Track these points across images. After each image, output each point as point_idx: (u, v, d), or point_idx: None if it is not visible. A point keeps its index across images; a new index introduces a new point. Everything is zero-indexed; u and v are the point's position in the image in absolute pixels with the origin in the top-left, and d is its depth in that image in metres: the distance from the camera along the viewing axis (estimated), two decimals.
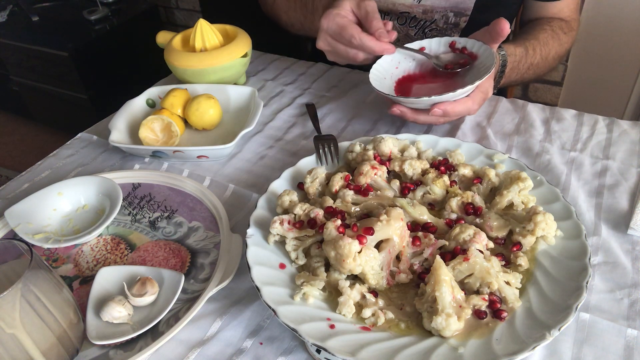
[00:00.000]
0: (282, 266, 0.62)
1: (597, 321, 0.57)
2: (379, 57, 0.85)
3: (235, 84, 1.01)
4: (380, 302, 0.58)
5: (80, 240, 0.69)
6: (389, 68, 0.87)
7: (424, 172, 0.71)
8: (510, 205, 0.66)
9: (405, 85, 0.87)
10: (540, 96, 1.97)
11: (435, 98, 0.75)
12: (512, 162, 0.73)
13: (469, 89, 0.75)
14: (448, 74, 0.84)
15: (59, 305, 0.52)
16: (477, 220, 0.66)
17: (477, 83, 0.74)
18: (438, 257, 0.57)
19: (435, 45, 0.87)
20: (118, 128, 0.86)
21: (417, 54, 0.86)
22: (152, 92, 0.95)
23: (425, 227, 0.64)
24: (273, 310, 0.55)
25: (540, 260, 0.61)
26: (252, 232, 0.65)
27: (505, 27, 0.76)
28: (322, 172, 0.72)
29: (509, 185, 0.67)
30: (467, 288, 0.58)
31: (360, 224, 0.61)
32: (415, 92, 0.85)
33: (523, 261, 0.60)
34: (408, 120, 0.82)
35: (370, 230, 0.59)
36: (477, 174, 0.72)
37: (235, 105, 0.94)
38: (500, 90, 1.17)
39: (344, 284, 0.58)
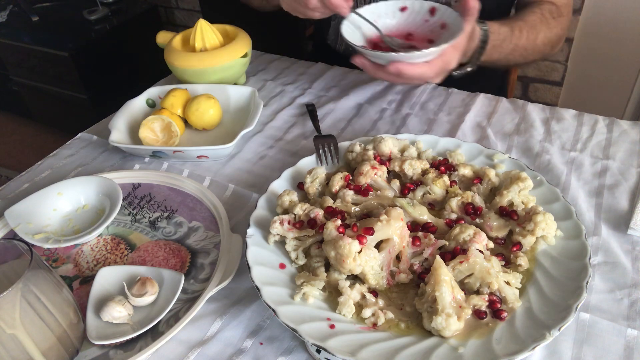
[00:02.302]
0: (282, 266, 0.62)
1: (597, 321, 0.57)
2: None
3: (235, 84, 1.01)
4: (380, 302, 0.58)
5: (80, 240, 0.69)
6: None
7: (424, 172, 0.71)
8: (511, 205, 0.66)
9: (379, 41, 0.84)
10: (540, 96, 1.97)
11: (392, 55, 0.73)
12: (512, 162, 0.73)
13: (426, 52, 0.72)
14: (424, 39, 0.82)
15: (59, 305, 0.52)
16: (477, 220, 0.66)
17: (434, 49, 0.72)
18: (438, 257, 0.57)
19: (418, 6, 0.84)
20: (118, 128, 0.86)
21: (372, 23, 0.82)
22: (152, 92, 0.95)
23: (425, 227, 0.64)
24: (273, 310, 0.55)
25: (540, 260, 0.61)
26: (252, 232, 0.65)
27: (470, 2, 0.75)
28: (322, 172, 0.72)
29: (509, 185, 0.67)
30: (467, 288, 0.58)
31: (360, 224, 0.61)
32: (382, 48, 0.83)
33: (523, 261, 0.60)
34: (369, 74, 0.79)
35: (370, 230, 0.59)
36: (477, 174, 0.72)
37: (235, 105, 0.94)
38: (501, 91, 1.17)
39: (344, 284, 0.58)
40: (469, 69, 0.88)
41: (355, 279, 0.60)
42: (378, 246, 0.60)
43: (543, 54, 0.98)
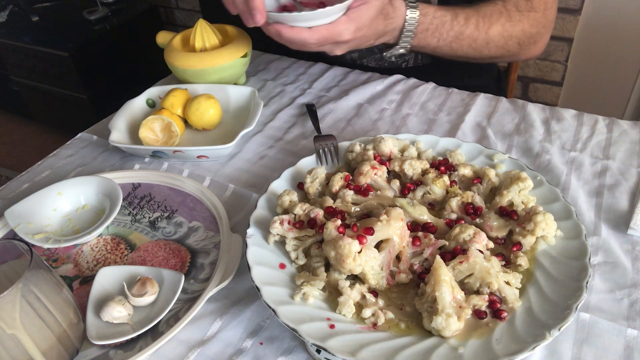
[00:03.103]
0: (282, 266, 0.62)
1: (597, 321, 0.57)
2: None
3: (235, 84, 1.01)
4: (380, 302, 0.58)
5: (80, 240, 0.69)
6: None
7: (424, 172, 0.71)
8: (511, 205, 0.66)
9: (292, 7, 0.84)
10: (540, 96, 1.97)
11: (273, 15, 0.73)
12: (512, 162, 0.73)
13: (297, 16, 0.72)
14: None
15: (59, 305, 0.52)
16: (477, 220, 0.66)
17: (308, 12, 0.71)
18: (438, 257, 0.57)
19: None
20: (118, 128, 0.86)
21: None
22: (152, 92, 0.95)
23: (425, 227, 0.64)
24: (273, 310, 0.55)
25: (540, 260, 0.61)
26: (252, 232, 0.65)
27: None
28: (322, 172, 0.72)
29: (509, 185, 0.67)
30: (467, 288, 0.58)
31: (360, 224, 0.61)
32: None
33: (523, 261, 0.60)
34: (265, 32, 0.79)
35: (370, 230, 0.59)
36: (477, 174, 0.72)
37: (235, 105, 0.94)
38: (501, 91, 1.17)
39: (344, 284, 0.58)
40: (401, 51, 0.85)
41: (355, 279, 0.60)
42: (378, 246, 0.60)
43: (507, 50, 0.92)
